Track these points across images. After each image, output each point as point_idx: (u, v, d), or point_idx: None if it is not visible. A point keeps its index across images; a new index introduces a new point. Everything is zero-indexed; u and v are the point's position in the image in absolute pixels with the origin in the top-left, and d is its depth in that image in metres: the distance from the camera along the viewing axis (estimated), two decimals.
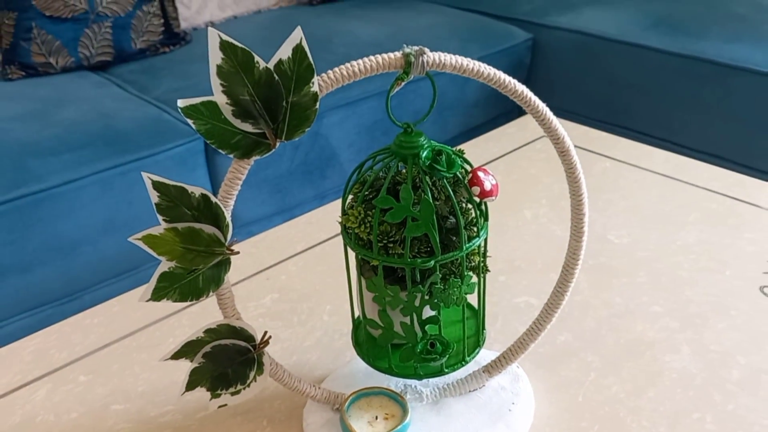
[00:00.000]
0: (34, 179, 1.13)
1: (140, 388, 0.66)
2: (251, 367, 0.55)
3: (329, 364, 0.67)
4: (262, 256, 0.85)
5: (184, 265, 0.50)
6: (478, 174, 0.51)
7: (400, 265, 0.51)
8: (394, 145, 0.52)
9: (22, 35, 1.47)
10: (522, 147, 1.08)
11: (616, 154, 1.04)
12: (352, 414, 0.57)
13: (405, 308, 0.53)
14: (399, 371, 0.57)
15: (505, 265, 0.81)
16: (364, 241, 0.53)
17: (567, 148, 0.53)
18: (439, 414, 0.59)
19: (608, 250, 0.82)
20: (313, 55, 0.46)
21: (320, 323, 0.73)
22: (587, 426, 0.60)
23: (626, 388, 0.63)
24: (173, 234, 0.49)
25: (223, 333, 0.54)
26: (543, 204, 0.93)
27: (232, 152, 0.48)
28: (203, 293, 0.51)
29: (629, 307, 0.73)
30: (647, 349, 0.68)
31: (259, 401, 0.63)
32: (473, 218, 0.53)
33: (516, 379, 0.62)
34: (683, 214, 0.89)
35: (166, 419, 0.62)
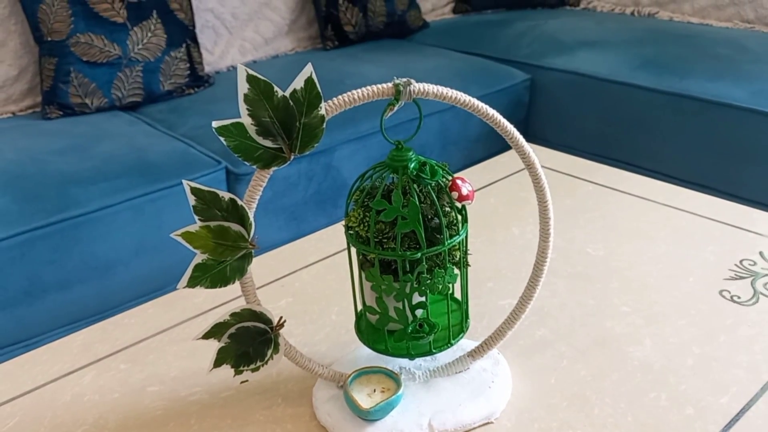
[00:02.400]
0: (74, 205, 1.25)
1: (173, 374, 0.76)
2: (269, 346, 0.65)
3: (336, 353, 0.77)
4: (278, 267, 0.96)
5: (215, 257, 0.61)
6: (456, 181, 0.62)
7: (393, 257, 0.62)
8: (388, 159, 0.63)
9: (61, 78, 1.62)
10: (513, 174, 1.19)
11: (598, 179, 1.14)
12: (354, 388, 0.67)
13: (398, 295, 0.64)
14: (394, 351, 0.67)
15: (493, 273, 0.91)
16: (363, 238, 0.64)
17: (532, 162, 0.64)
18: (429, 390, 0.69)
19: (585, 261, 0.92)
20: (326, 95, 0.57)
21: (329, 321, 0.84)
22: (557, 402, 0.69)
23: (593, 373, 0.73)
24: (206, 231, 0.60)
25: (246, 316, 0.64)
26: (530, 222, 1.03)
27: (255, 163, 0.60)
28: (230, 281, 0.62)
29: (600, 307, 0.83)
30: (614, 342, 0.77)
31: (275, 383, 0.74)
32: (454, 219, 0.64)
33: (496, 363, 0.72)
34: (654, 230, 0.99)
35: (194, 398, 0.73)
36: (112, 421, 0.70)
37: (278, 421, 0.69)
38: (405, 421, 0.65)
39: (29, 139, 1.49)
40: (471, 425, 0.66)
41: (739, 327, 0.78)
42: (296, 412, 0.70)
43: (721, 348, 0.75)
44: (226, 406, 0.71)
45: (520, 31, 2.08)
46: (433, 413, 0.66)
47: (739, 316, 0.80)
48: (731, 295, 0.84)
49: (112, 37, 1.65)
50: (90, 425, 0.70)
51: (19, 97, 1.72)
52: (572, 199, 1.10)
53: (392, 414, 0.66)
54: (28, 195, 1.27)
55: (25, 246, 1.21)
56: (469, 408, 0.66)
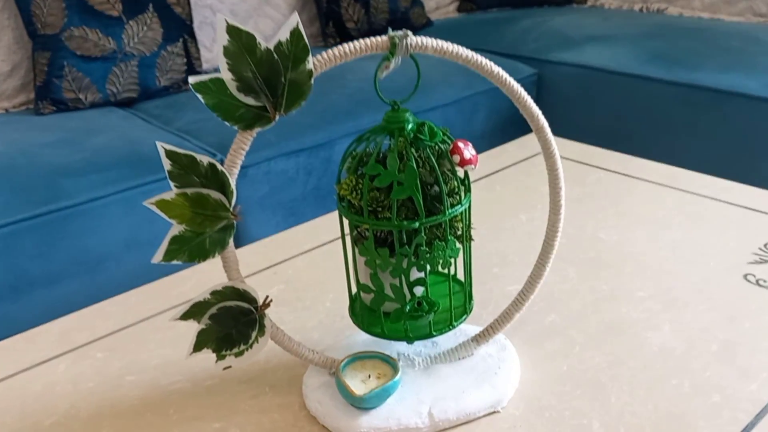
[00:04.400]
0: (63, 196, 1.20)
1: (153, 362, 0.71)
2: (253, 328, 0.60)
3: (329, 341, 0.72)
4: (270, 254, 0.90)
5: (193, 228, 0.56)
6: (458, 144, 0.57)
7: (389, 227, 0.57)
8: (383, 121, 0.58)
9: (54, 73, 1.58)
10: (521, 162, 1.14)
11: (610, 166, 1.09)
12: (346, 374, 0.61)
13: (394, 270, 0.58)
14: (391, 334, 0.62)
15: (500, 259, 0.86)
16: (356, 207, 0.58)
17: (541, 125, 0.59)
18: (429, 377, 0.63)
19: (598, 247, 0.87)
20: (327, 89, 0.53)
21: (323, 308, 0.78)
22: (570, 390, 0.63)
23: (608, 360, 0.67)
24: (183, 199, 0.55)
25: (228, 295, 0.59)
26: (538, 209, 0.98)
27: (237, 124, 0.55)
28: (209, 254, 0.57)
29: (614, 293, 0.77)
30: (629, 327, 0.71)
31: (263, 371, 0.68)
32: (456, 187, 0.59)
33: (503, 349, 0.66)
34: (671, 216, 0.93)
35: (175, 387, 0.67)
36: (84, 411, 0.65)
37: (265, 410, 0.63)
38: (402, 409, 0.59)
39: (20, 133, 1.45)
40: (475, 414, 0.60)
41: (766, 312, 0.72)
42: (285, 401, 0.64)
43: (747, 333, 0.69)
44: (209, 396, 0.65)
45: (526, 27, 2.04)
46: (434, 401, 0.60)
47: (765, 301, 0.74)
48: (756, 279, 0.78)
49: (106, 31, 1.60)
50: (60, 416, 0.64)
51: (12, 94, 1.68)
52: (582, 186, 1.04)
53: (388, 402, 0.60)
54: (15, 186, 1.22)
55: (11, 238, 1.16)
56: (473, 396, 0.61)
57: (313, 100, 1.84)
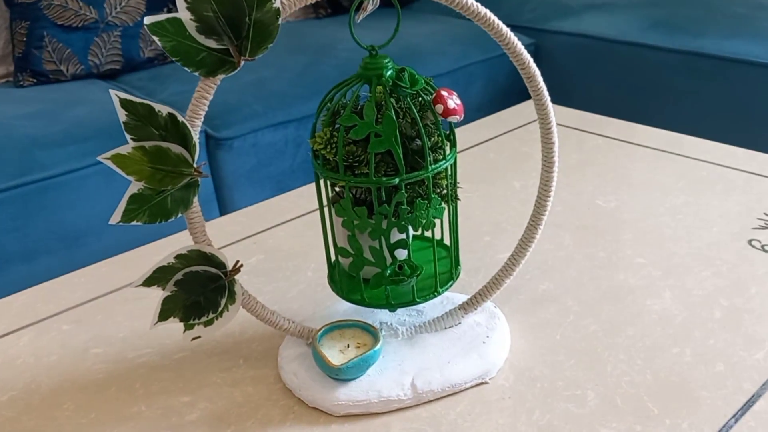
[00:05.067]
0: (38, 168, 1.16)
1: (121, 334, 0.66)
2: (223, 295, 0.56)
3: (309, 311, 0.68)
4: (250, 224, 0.86)
5: (153, 186, 0.51)
6: (441, 93, 0.52)
7: (366, 184, 0.52)
8: (360, 68, 0.53)
9: (34, 44, 1.52)
10: (516, 129, 1.09)
11: (608, 132, 1.04)
12: (324, 344, 0.57)
13: (373, 231, 0.54)
14: (372, 301, 0.57)
15: (491, 227, 0.81)
16: (332, 164, 0.54)
17: (533, 73, 0.54)
18: (413, 347, 0.59)
19: (595, 214, 0.82)
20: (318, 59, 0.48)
21: (304, 278, 0.74)
22: (564, 359, 0.59)
23: (604, 328, 0.63)
24: (141, 153, 0.51)
25: (194, 259, 0.55)
26: (532, 176, 0.93)
27: (198, 70, 0.50)
28: (172, 214, 0.52)
29: (612, 260, 0.73)
30: (627, 295, 0.67)
31: (236, 343, 0.64)
32: (440, 141, 0.54)
33: (492, 317, 0.62)
34: (671, 181, 0.88)
35: (143, 360, 0.63)
36: (45, 385, 0.60)
37: (237, 383, 0.59)
38: (384, 380, 0.55)
39: None
40: (461, 385, 0.56)
41: None
42: (259, 374, 0.60)
43: (752, 300, 0.65)
44: (178, 369, 0.61)
45: None
46: (417, 371, 0.56)
47: None
48: (762, 244, 0.73)
49: (87, 0, 1.55)
50: (20, 390, 0.60)
51: None
52: (580, 152, 0.99)
53: (369, 373, 0.56)
54: None
55: None
56: (460, 366, 0.56)
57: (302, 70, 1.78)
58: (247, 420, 0.55)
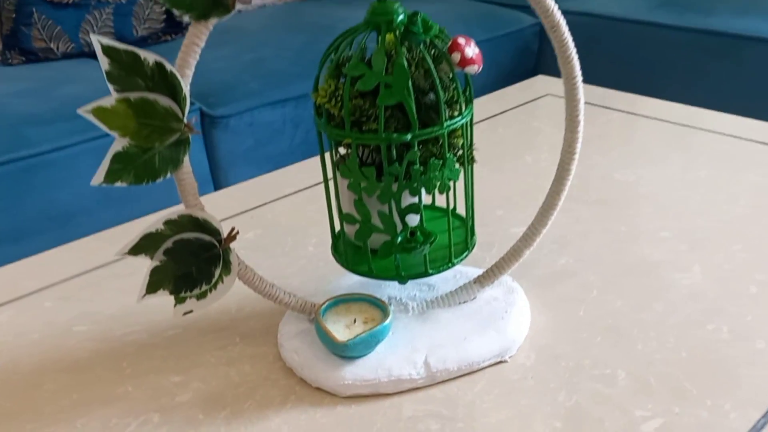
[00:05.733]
0: (27, 145, 1.11)
1: (109, 311, 0.62)
2: (216, 265, 0.51)
3: (311, 287, 0.63)
4: (247, 198, 0.81)
5: (139, 143, 0.47)
6: (458, 40, 0.47)
7: (375, 141, 0.47)
8: (368, 14, 0.49)
9: (22, 20, 1.47)
10: (525, 104, 1.04)
11: (622, 106, 0.99)
12: (328, 318, 0.52)
13: (382, 194, 0.49)
14: (380, 273, 0.53)
15: (503, 201, 0.76)
16: (337, 120, 0.49)
17: (557, 23, 0.50)
18: (425, 323, 0.54)
19: (612, 188, 0.78)
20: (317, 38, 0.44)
21: (304, 253, 0.69)
22: (588, 337, 0.54)
23: (630, 304, 0.58)
24: (125, 106, 0.46)
25: (185, 225, 0.50)
26: (544, 150, 0.89)
27: (188, 12, 0.45)
28: (160, 174, 0.48)
29: (633, 234, 0.68)
30: (653, 269, 0.62)
31: (233, 320, 0.59)
32: (455, 96, 0.49)
33: (510, 291, 0.57)
34: (692, 156, 0.84)
35: (131, 338, 0.58)
36: (25, 364, 0.56)
37: (233, 362, 0.54)
38: (394, 358, 0.51)
39: None
40: (479, 364, 0.51)
41: None
42: (257, 352, 0.55)
43: None
44: (169, 347, 0.57)
45: None
46: (431, 349, 0.51)
47: None
48: None
49: None
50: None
51: None
52: (593, 126, 0.94)
53: (378, 350, 0.51)
54: None
55: None
56: (477, 343, 0.52)
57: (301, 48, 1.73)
58: (243, 401, 0.50)
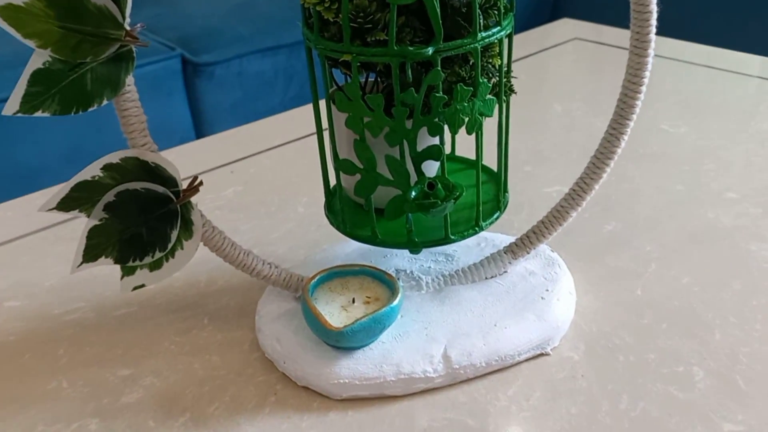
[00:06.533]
0: None
1: (48, 283, 0.50)
2: (173, 225, 0.39)
3: (300, 256, 0.51)
4: (228, 150, 0.68)
5: (64, 56, 0.35)
6: None
7: (383, 58, 0.35)
8: None
9: None
10: (549, 49, 0.91)
11: (664, 52, 0.86)
12: (319, 297, 0.40)
13: (392, 133, 0.37)
14: (386, 238, 0.41)
15: (531, 156, 0.64)
16: (331, 30, 0.36)
17: None
18: (444, 303, 0.42)
19: (661, 140, 0.65)
20: None
21: (293, 215, 0.57)
22: (652, 323, 0.42)
23: (700, 281, 0.46)
24: (44, 5, 0.34)
25: (131, 171, 0.38)
26: (575, 98, 0.76)
27: None
28: (94, 99, 0.35)
29: (694, 194, 0.56)
30: (724, 237, 0.50)
31: (201, 296, 0.47)
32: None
33: (550, 264, 0.45)
34: (751, 105, 0.71)
35: (73, 317, 0.46)
36: None
37: (198, 351, 0.42)
38: (403, 350, 0.39)
39: None
40: (513, 358, 0.39)
41: None
42: (229, 338, 0.43)
43: None
44: (120, 330, 0.45)
45: None
46: (452, 339, 0.39)
47: None
48: None
49: None
50: None
51: None
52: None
53: (382, 339, 0.39)
54: None
55: None
56: (511, 330, 0.40)
57: None
58: (209, 404, 0.39)
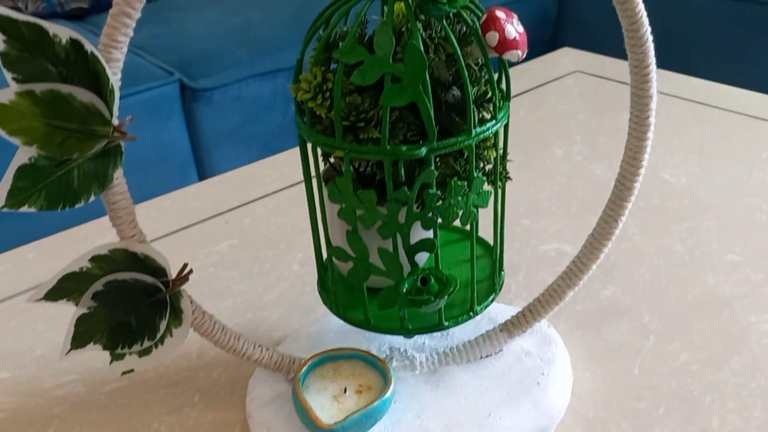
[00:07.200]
0: None
1: (39, 351, 0.49)
2: (162, 315, 0.38)
3: (294, 323, 0.50)
4: (223, 197, 0.68)
5: (50, 152, 0.34)
6: (496, 14, 0.33)
7: (375, 156, 0.34)
8: None
9: None
10: (549, 83, 0.90)
11: (667, 89, 0.85)
12: (310, 385, 0.40)
13: (385, 227, 0.36)
14: (379, 324, 0.40)
15: (530, 208, 0.63)
16: (325, 123, 0.36)
17: None
18: (438, 387, 0.41)
19: (663, 191, 0.64)
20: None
21: (288, 274, 0.56)
22: (648, 407, 0.42)
23: (699, 357, 0.45)
24: (29, 102, 0.33)
25: (120, 263, 0.37)
26: (577, 141, 0.75)
27: None
28: (81, 196, 0.35)
29: (695, 256, 0.55)
30: (723, 307, 0.50)
31: (192, 370, 0.46)
32: (487, 91, 0.36)
33: (546, 342, 0.44)
34: (754, 151, 0.70)
35: (63, 392, 0.45)
36: None
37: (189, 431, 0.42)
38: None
39: None
40: None
41: None
42: (221, 419, 0.43)
43: None
44: (110, 407, 0.44)
45: None
46: (444, 429, 0.39)
47: None
48: None
49: None
50: None
51: None
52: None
53: (375, 429, 0.39)
54: None
55: None
56: (506, 421, 0.39)
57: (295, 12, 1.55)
58: None
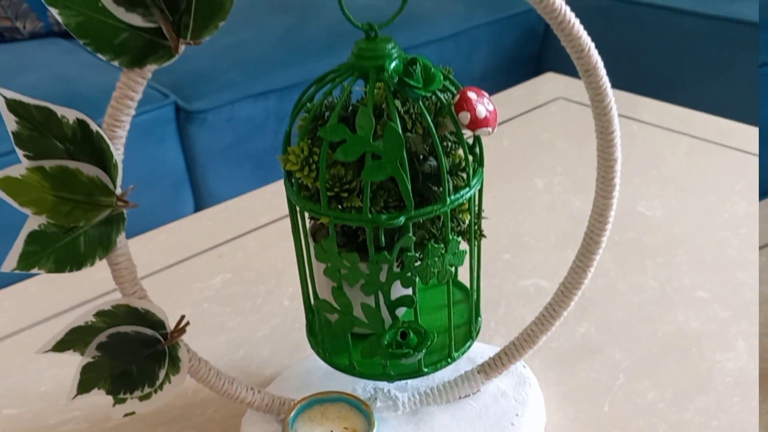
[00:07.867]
0: None
1: (43, 388, 0.52)
2: (161, 364, 0.41)
3: (284, 360, 0.53)
4: (216, 229, 0.70)
5: (58, 221, 0.36)
6: (468, 95, 0.36)
7: (358, 223, 0.37)
8: (353, 55, 0.38)
9: None
10: (532, 110, 0.93)
11: (644, 116, 0.89)
12: (299, 427, 0.42)
13: (367, 285, 0.39)
14: (363, 370, 0.43)
15: (510, 242, 0.66)
16: (311, 190, 0.39)
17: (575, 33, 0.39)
18: (419, 427, 0.44)
19: (638, 225, 0.67)
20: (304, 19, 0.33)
21: (278, 309, 0.59)
22: None
23: (666, 396, 0.48)
24: (39, 177, 0.36)
25: (122, 317, 0.40)
26: (557, 172, 0.78)
27: (117, 58, 0.34)
28: (87, 260, 0.37)
29: (666, 293, 0.58)
30: (691, 345, 0.53)
31: (188, 407, 0.49)
32: (461, 161, 0.39)
33: (522, 383, 0.47)
34: (728, 183, 0.73)
35: (67, 428, 0.48)
36: None
37: None
38: None
39: None
40: None
41: None
42: None
43: None
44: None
45: None
46: None
47: None
48: None
49: None
50: None
51: None
52: None
53: None
54: None
55: None
56: None
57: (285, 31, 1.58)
58: None
